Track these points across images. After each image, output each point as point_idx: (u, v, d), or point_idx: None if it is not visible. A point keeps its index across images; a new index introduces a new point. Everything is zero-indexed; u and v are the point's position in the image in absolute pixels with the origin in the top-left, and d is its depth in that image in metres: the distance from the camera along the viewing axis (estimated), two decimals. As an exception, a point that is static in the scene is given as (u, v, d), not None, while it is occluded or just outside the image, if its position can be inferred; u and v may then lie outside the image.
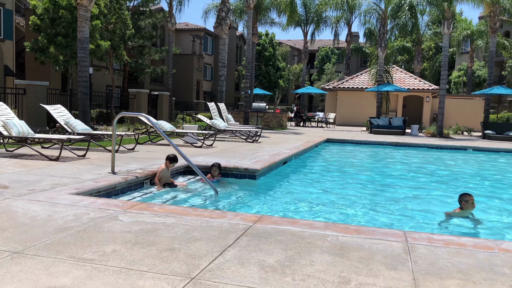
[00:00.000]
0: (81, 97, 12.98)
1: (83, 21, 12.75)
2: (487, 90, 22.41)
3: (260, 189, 7.47)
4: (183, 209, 4.78)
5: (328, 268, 3.09)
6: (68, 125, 10.08)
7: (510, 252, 3.55)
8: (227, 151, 10.67)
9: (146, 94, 21.14)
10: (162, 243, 3.51)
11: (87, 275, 2.83)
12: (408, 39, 37.65)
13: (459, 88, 42.14)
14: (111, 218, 4.20)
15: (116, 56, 22.72)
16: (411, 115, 28.25)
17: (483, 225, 5.74)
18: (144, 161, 8.18)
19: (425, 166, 11.96)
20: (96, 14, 18.54)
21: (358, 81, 30.85)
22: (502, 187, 9.00)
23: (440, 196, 7.71)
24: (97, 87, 28.92)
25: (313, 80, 54.15)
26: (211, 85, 47.55)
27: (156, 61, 33.73)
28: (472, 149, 16.03)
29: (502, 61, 38.77)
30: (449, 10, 21.06)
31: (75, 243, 3.43)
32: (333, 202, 6.85)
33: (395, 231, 4.13)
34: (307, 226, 4.15)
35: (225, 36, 19.85)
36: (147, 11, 28.77)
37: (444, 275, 3.03)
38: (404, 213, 6.30)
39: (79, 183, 5.75)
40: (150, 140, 12.40)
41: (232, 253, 3.34)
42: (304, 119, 29.21)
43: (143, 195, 6.33)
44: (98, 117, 20.25)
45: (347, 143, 16.95)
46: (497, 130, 20.61)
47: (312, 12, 35.28)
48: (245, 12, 27.19)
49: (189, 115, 25.94)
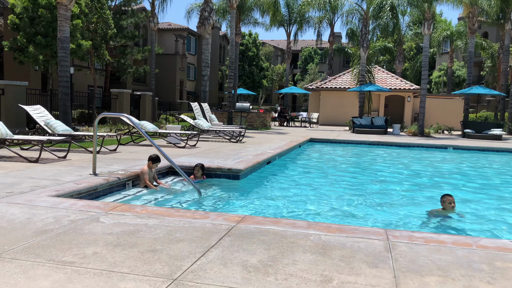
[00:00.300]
0: (62, 98, 12.78)
1: (63, 20, 12.56)
2: (466, 90, 22.84)
3: (243, 189, 7.47)
4: (166, 210, 4.75)
5: (311, 267, 3.11)
6: (48, 126, 9.92)
7: (488, 249, 3.62)
8: (211, 151, 10.64)
9: (129, 94, 20.93)
10: (144, 245, 3.48)
11: (67, 278, 2.79)
12: (389, 39, 38.10)
13: (439, 87, 42.84)
14: (92, 220, 4.15)
15: (97, 56, 22.44)
16: (392, 115, 28.60)
17: (463, 222, 5.85)
18: (126, 162, 8.10)
19: (407, 165, 12.12)
20: (76, 14, 18.28)
21: (341, 81, 31.09)
22: (482, 184, 9.18)
23: (422, 194, 7.82)
24: (79, 87, 28.50)
25: (296, 80, 54.39)
26: (195, 85, 47.35)
27: (138, 61, 33.40)
28: (452, 147, 16.32)
29: (481, 62, 39.53)
30: (429, 11, 21.39)
31: (54, 246, 3.38)
32: (316, 201, 6.89)
33: (377, 230, 4.18)
34: (290, 225, 4.17)
35: (208, 36, 19.78)
36: (129, 10, 28.47)
37: (424, 272, 3.08)
38: (386, 211, 6.37)
39: (60, 185, 5.66)
40: (133, 141, 12.29)
41: (214, 254, 3.33)
42: (287, 119, 29.32)
43: (126, 196, 6.27)
44: (80, 118, 19.98)
45: (330, 142, 17.07)
46: (476, 129, 21.02)
47: (295, 12, 35.44)
48: (228, 12, 27.14)
49: (172, 115, 25.76)
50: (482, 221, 6.00)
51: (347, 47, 38.68)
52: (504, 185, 9.23)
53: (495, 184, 9.39)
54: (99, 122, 18.09)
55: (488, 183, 9.39)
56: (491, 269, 3.16)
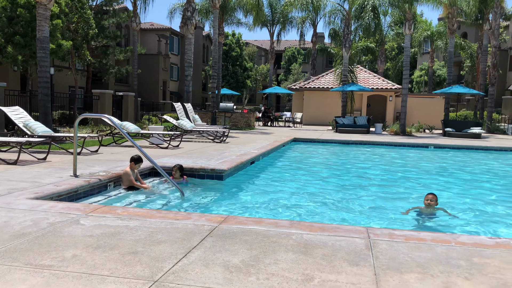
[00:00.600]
0: (42, 98, 12.56)
1: (42, 20, 12.35)
2: (446, 89, 23.21)
3: (227, 190, 7.46)
4: (147, 211, 4.71)
5: (292, 266, 3.12)
6: (28, 127, 9.74)
7: (466, 245, 3.68)
8: (194, 152, 10.59)
9: (111, 95, 20.70)
10: (125, 247, 3.45)
11: (44, 282, 2.74)
12: (371, 39, 38.48)
13: (420, 87, 43.44)
14: (72, 222, 4.09)
15: (78, 56, 22.14)
16: (375, 114, 28.90)
17: (443, 219, 5.94)
18: (108, 163, 8.01)
19: (389, 164, 12.26)
20: (56, 13, 17.99)
21: (324, 81, 31.29)
22: (463, 182, 9.34)
23: (403, 192, 7.92)
24: (60, 88, 28.07)
25: (280, 80, 54.49)
26: (178, 85, 47.07)
27: (120, 61, 33.07)
28: (433, 146, 16.56)
29: (461, 61, 40.22)
30: (410, 11, 21.67)
31: (32, 250, 3.32)
32: (299, 200, 6.92)
33: (358, 228, 4.21)
34: (273, 225, 4.18)
35: (191, 36, 19.68)
36: (111, 10, 28.16)
37: (404, 270, 3.11)
38: (369, 209, 6.44)
39: (39, 187, 5.56)
40: (115, 142, 12.15)
41: (196, 255, 3.31)
42: (271, 119, 29.37)
43: (107, 198, 6.20)
44: (61, 119, 19.66)
45: (313, 142, 17.16)
46: (456, 128, 21.39)
47: (278, 12, 35.52)
48: (211, 12, 27.05)
49: (155, 116, 25.57)
50: (464, 217, 6.10)
51: (330, 47, 38.89)
52: (485, 182, 9.40)
53: (475, 181, 9.56)
54: (81, 123, 17.83)
55: (468, 180, 9.56)
56: (468, 265, 3.22)
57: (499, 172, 11.11)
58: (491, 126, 24.73)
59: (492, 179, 9.92)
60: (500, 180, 9.75)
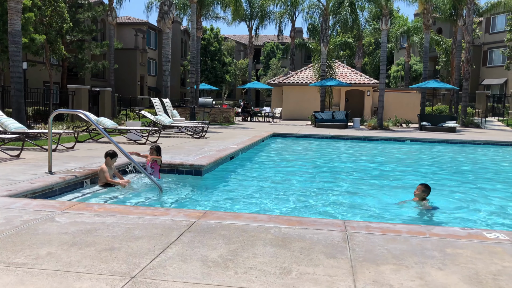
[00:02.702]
0: (14, 94, 12.25)
1: (14, 13, 12.02)
2: (422, 84, 23.62)
3: (206, 185, 7.44)
4: (125, 207, 4.66)
5: (270, 260, 3.14)
6: (0, 123, 9.49)
7: (440, 236, 3.77)
8: (172, 147, 10.51)
9: (87, 90, 20.35)
10: (102, 243, 3.41)
11: (18, 280, 2.69)
12: (349, 34, 38.81)
13: (397, 82, 44.08)
14: (46, 219, 4.01)
15: (53, 51, 21.63)
16: (353, 109, 29.21)
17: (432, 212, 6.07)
18: (84, 160, 7.88)
19: (366, 158, 12.42)
20: (29, 6, 17.53)
21: (303, 76, 31.43)
22: (440, 174, 9.54)
23: (382, 185, 8.04)
24: (34, 83, 27.41)
25: (259, 75, 54.47)
26: (156, 80, 46.57)
27: (97, 56, 32.49)
28: (410, 140, 16.87)
29: (436, 56, 40.96)
30: (386, 7, 21.94)
31: (5, 248, 3.24)
32: (278, 195, 6.95)
33: (335, 221, 4.26)
34: (251, 219, 4.19)
35: (168, 30, 19.47)
36: (86, 4, 27.59)
37: (379, 261, 3.17)
38: (346, 203, 6.51)
39: (12, 185, 5.43)
40: (91, 138, 11.96)
41: (174, 250, 3.30)
42: (251, 114, 29.36)
43: (84, 195, 6.10)
44: (36, 115, 19.23)
45: (292, 137, 17.25)
46: (432, 122, 21.82)
47: (256, 7, 35.45)
48: (189, 6, 26.82)
49: (133, 111, 25.24)
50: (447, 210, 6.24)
51: (309, 42, 39.06)
52: (460, 175, 9.63)
53: (451, 173, 9.79)
54: (56, 119, 17.47)
55: (446, 172, 9.77)
56: (442, 256, 3.30)
57: (475, 163, 11.40)
58: (466, 120, 25.31)
59: (469, 170, 10.17)
60: (479, 172, 10.01)
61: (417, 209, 6.15)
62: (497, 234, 3.85)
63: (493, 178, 9.45)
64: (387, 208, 6.26)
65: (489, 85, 40.80)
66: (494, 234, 3.87)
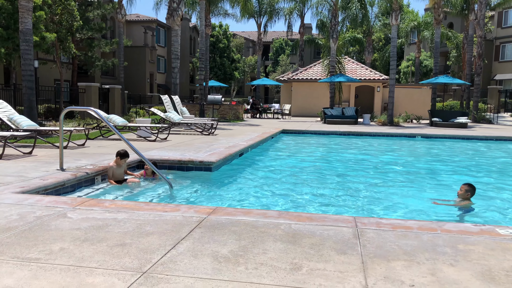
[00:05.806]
0: (26, 92, 12.38)
1: (25, 11, 12.13)
2: (433, 79, 23.40)
3: (215, 182, 7.45)
4: (135, 204, 4.69)
5: (281, 256, 3.14)
6: (12, 121, 9.60)
7: (451, 233, 3.74)
8: (182, 144, 10.55)
9: (97, 88, 20.48)
10: (113, 239, 3.43)
11: (32, 275, 2.73)
12: (359, 30, 38.57)
13: (408, 77, 43.73)
14: (59, 215, 4.06)
15: (63, 49, 21.81)
16: (363, 105, 29.04)
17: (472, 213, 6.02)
18: (94, 157, 7.94)
19: (377, 154, 12.35)
20: (39, 5, 17.69)
21: (312, 72, 31.31)
22: (454, 170, 9.46)
23: (394, 181, 8.00)
24: (45, 81, 27.66)
25: (268, 72, 54.41)
26: (165, 77, 46.72)
27: (106, 53, 32.67)
28: (421, 136, 16.73)
29: (447, 52, 40.53)
30: (397, 2, 21.73)
31: (19, 243, 3.29)
32: (288, 191, 6.95)
33: (346, 217, 4.25)
34: (261, 215, 4.19)
35: (177, 27, 19.50)
36: (95, 2, 27.76)
37: (390, 257, 3.15)
38: (357, 199, 6.49)
39: (25, 181, 5.50)
40: (102, 135, 12.05)
41: (185, 246, 3.31)
42: (260, 110, 29.35)
43: (94, 191, 6.16)
44: (47, 113, 19.42)
45: (302, 133, 17.21)
46: (443, 118, 21.61)
47: (265, 3, 35.36)
48: (198, 3, 26.83)
49: (143, 108, 25.36)
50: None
51: (318, 38, 38.87)
52: (476, 171, 9.54)
53: (469, 169, 9.70)
54: (67, 116, 17.63)
55: (461, 169, 9.69)
56: (454, 252, 3.27)
57: (488, 160, 11.28)
58: (477, 115, 25.04)
59: (483, 168, 10.06)
60: (491, 168, 9.90)
61: (455, 209, 5.92)
62: (510, 230, 3.81)
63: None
64: (402, 206, 6.22)
65: (501, 80, 40.28)
66: (507, 230, 3.83)
